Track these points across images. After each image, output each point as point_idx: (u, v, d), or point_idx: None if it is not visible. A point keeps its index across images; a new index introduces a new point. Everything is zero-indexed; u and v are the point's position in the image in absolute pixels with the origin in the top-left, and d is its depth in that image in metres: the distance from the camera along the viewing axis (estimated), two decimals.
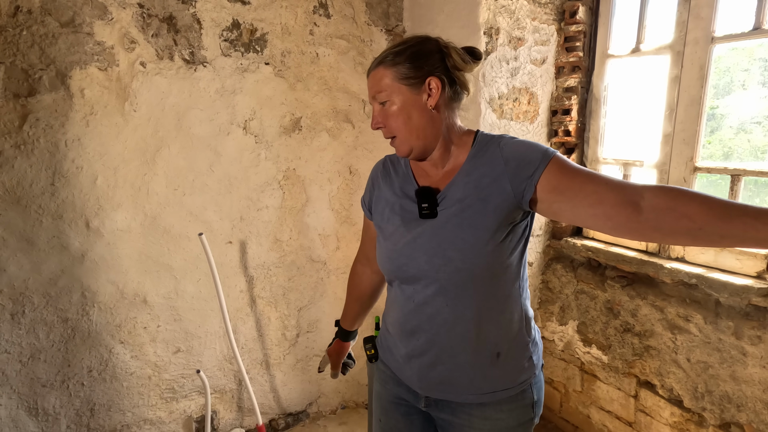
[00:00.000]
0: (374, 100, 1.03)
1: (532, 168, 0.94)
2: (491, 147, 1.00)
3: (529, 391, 1.06)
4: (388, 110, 1.01)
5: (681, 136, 1.72)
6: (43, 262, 1.69)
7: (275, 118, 2.06)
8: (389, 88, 0.99)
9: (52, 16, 1.59)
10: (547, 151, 0.95)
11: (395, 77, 0.98)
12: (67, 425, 1.83)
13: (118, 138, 1.76)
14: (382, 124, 1.03)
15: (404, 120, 1.00)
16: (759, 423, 1.51)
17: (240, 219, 2.05)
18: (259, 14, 1.94)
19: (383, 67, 0.99)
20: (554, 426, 2.28)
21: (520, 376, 1.05)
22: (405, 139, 1.02)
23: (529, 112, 2.07)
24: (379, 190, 1.16)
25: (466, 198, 0.98)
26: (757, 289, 1.45)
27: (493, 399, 1.03)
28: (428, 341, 1.05)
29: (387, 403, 1.19)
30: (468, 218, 0.97)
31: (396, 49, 1.00)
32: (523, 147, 0.98)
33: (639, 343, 1.84)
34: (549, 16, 2.02)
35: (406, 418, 1.16)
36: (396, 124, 1.01)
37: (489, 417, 1.04)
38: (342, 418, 2.42)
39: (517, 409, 1.05)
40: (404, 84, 0.98)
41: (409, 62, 0.98)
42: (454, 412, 1.07)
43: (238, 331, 2.13)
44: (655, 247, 1.83)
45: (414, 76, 0.98)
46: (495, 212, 0.96)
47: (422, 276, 1.02)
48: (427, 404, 1.10)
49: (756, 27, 1.51)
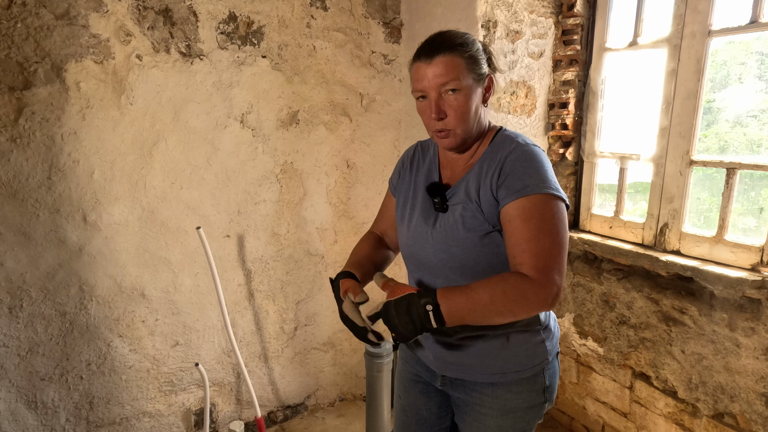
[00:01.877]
0: (440, 88, 0.97)
1: (508, 193, 0.95)
2: (501, 153, 1.01)
3: (541, 376, 1.10)
4: (452, 99, 0.98)
5: (677, 129, 1.73)
6: (40, 256, 1.69)
7: (272, 111, 2.05)
8: (462, 77, 0.97)
9: (46, 8, 1.58)
10: (530, 186, 0.94)
11: (468, 67, 0.98)
12: (66, 418, 1.83)
13: (114, 131, 1.75)
14: (444, 114, 0.99)
15: (470, 113, 1.00)
16: (752, 413, 1.53)
17: (238, 213, 2.05)
18: (256, 7, 1.93)
19: (457, 55, 0.97)
20: (550, 417, 2.30)
21: (532, 360, 1.08)
22: (462, 132, 1.00)
23: (526, 106, 2.07)
24: (406, 174, 1.19)
25: (469, 198, 1.02)
26: (751, 281, 1.47)
27: (503, 380, 1.08)
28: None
29: (407, 381, 1.25)
30: (468, 218, 1.01)
31: (460, 40, 0.99)
32: (522, 169, 0.96)
33: (634, 335, 1.86)
34: (547, 9, 2.01)
35: (424, 396, 1.22)
36: (460, 116, 0.98)
37: (499, 397, 1.09)
38: (340, 410, 2.43)
39: (527, 391, 1.09)
40: (474, 76, 0.99)
41: (479, 56, 1.00)
42: (467, 391, 1.12)
43: (236, 325, 2.14)
44: (651, 239, 1.84)
45: (482, 71, 1.00)
46: (488, 216, 0.99)
47: (431, 267, 1.07)
48: (443, 383, 1.16)
49: (753, 20, 1.52)
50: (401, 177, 1.21)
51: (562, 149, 2.13)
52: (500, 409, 1.09)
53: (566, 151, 2.12)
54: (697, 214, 1.84)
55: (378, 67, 2.25)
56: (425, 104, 1.01)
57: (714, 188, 1.67)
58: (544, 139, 2.15)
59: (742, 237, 1.61)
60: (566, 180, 2.14)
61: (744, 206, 1.73)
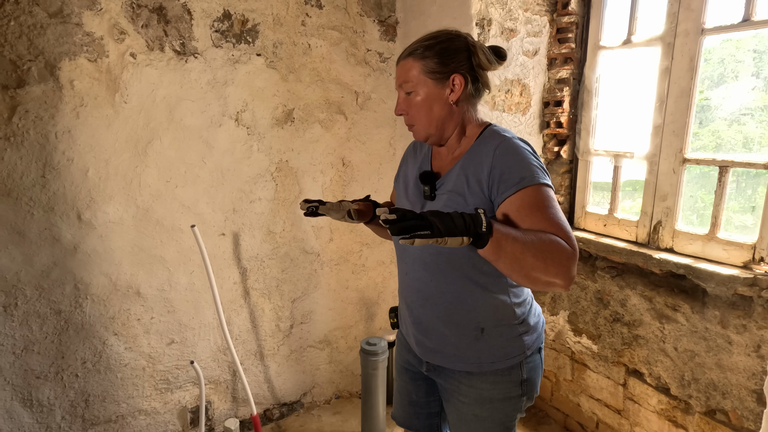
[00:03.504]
0: (400, 89, 1.09)
1: (506, 187, 0.97)
2: (488, 146, 1.03)
3: (517, 369, 1.12)
4: (412, 100, 1.08)
5: (671, 127, 1.74)
6: (35, 255, 1.69)
7: (267, 109, 2.05)
8: (416, 79, 1.05)
9: (40, 6, 1.57)
10: (527, 178, 0.96)
11: (422, 70, 1.04)
12: (62, 416, 1.84)
13: (109, 129, 1.75)
14: (405, 111, 1.10)
15: (426, 111, 1.07)
16: (743, 410, 1.54)
17: (233, 211, 2.05)
18: (251, 5, 1.93)
19: (413, 59, 1.05)
20: (545, 414, 2.31)
21: (507, 352, 1.11)
22: (423, 128, 1.09)
23: (521, 104, 2.07)
24: (405, 167, 1.27)
25: (455, 189, 1.05)
26: (743, 278, 1.47)
27: (478, 369, 1.11)
28: (420, 312, 1.15)
29: (399, 367, 1.34)
30: (452, 208, 1.03)
31: (426, 42, 1.05)
32: (514, 160, 0.99)
33: (628, 332, 1.87)
34: (541, 7, 2.01)
35: (413, 383, 1.30)
36: (417, 114, 1.08)
37: (474, 386, 1.12)
38: (336, 407, 2.44)
39: (503, 383, 1.12)
40: (430, 77, 1.04)
41: (437, 57, 1.03)
42: (447, 379, 1.17)
43: (231, 323, 2.14)
44: (644, 237, 1.85)
45: (440, 71, 1.04)
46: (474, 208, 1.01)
47: (416, 254, 1.12)
48: (427, 369, 1.22)
49: (745, 19, 1.52)
50: (400, 170, 1.30)
51: (557, 147, 2.13)
52: (476, 398, 1.12)
53: (561, 149, 2.12)
54: (693, 211, 1.84)
55: (373, 65, 2.25)
56: None
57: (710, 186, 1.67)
58: (539, 137, 2.16)
59: (734, 235, 1.61)
60: (561, 178, 2.14)
61: (740, 204, 1.74)
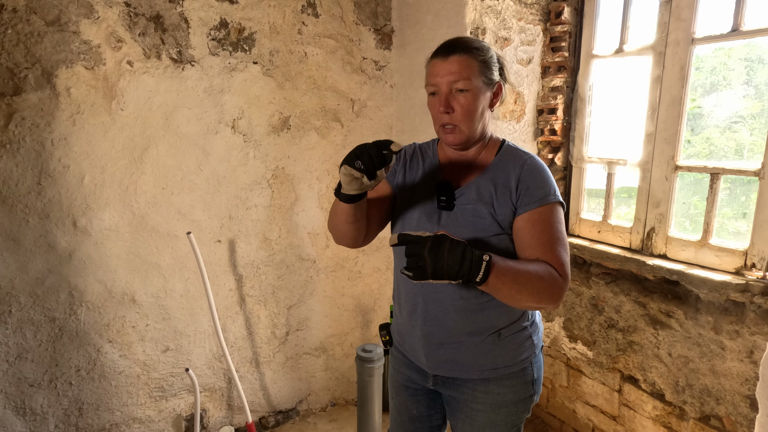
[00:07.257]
0: (451, 84, 1.04)
1: (530, 201, 1.04)
2: (515, 162, 1.09)
3: (529, 369, 1.15)
4: (461, 97, 1.04)
5: (663, 135, 1.76)
6: (29, 262, 1.69)
7: (264, 117, 2.06)
8: (473, 78, 1.04)
9: (37, 15, 1.59)
10: (548, 196, 1.04)
11: (480, 70, 1.05)
12: (55, 425, 1.82)
13: (105, 137, 1.75)
14: (452, 109, 1.05)
15: (476, 113, 1.06)
16: (737, 415, 1.55)
17: (229, 218, 2.06)
18: (247, 13, 1.94)
19: (471, 57, 1.04)
20: (541, 421, 2.31)
21: (521, 354, 1.13)
22: (468, 129, 1.07)
23: (515, 112, 2.09)
24: (406, 172, 1.21)
25: (480, 200, 1.07)
26: (735, 284, 1.49)
27: (495, 375, 1.12)
28: (432, 326, 1.14)
29: (398, 385, 1.31)
30: (478, 218, 1.06)
31: (476, 45, 1.06)
32: (540, 178, 1.06)
33: (622, 338, 1.88)
34: (535, 17, 2.04)
35: (413, 399, 1.28)
36: (467, 115, 1.05)
37: (491, 392, 1.13)
38: (332, 415, 2.43)
39: (517, 385, 1.14)
40: (484, 80, 1.06)
41: (489, 62, 1.06)
42: (459, 389, 1.16)
43: (227, 330, 2.13)
44: (638, 243, 1.87)
45: (493, 76, 1.07)
46: (499, 219, 1.06)
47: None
48: (434, 382, 1.20)
49: (734, 29, 1.55)
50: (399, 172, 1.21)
51: (551, 154, 2.15)
52: (492, 404, 1.13)
53: (555, 156, 2.14)
54: (687, 218, 1.86)
55: (369, 73, 2.27)
56: (436, 99, 1.07)
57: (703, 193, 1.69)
58: (534, 145, 2.18)
59: (726, 241, 1.63)
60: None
61: (734, 210, 1.76)
